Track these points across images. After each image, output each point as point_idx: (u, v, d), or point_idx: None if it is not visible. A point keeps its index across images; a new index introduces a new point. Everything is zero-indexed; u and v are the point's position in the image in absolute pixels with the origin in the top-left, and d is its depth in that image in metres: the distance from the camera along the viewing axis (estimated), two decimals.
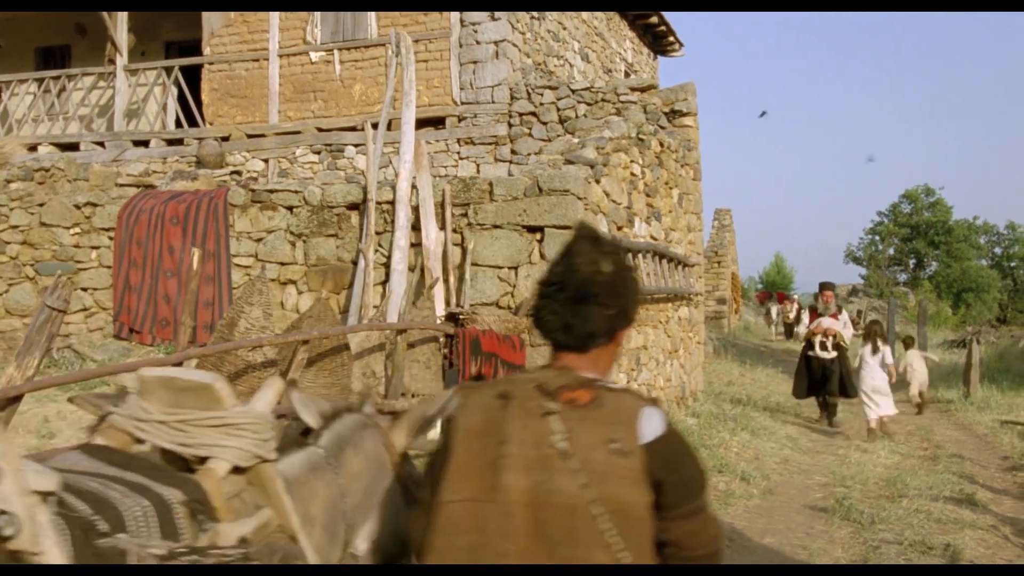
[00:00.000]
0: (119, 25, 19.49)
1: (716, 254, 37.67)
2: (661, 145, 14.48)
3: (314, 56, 18.17)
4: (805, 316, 29.65)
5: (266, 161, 18.18)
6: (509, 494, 2.50)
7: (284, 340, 6.74)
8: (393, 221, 10.94)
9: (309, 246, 11.43)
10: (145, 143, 19.12)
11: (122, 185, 14.35)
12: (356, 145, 17.52)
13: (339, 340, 7.69)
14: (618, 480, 2.49)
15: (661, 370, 14.11)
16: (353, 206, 11.35)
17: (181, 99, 19.24)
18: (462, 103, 17.21)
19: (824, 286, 15.71)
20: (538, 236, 10.59)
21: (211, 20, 18.81)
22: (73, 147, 19.48)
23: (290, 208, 11.55)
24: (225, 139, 18.43)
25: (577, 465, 2.49)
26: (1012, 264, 60.18)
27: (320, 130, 18.00)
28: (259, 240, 11.61)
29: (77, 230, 12.33)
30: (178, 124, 19.18)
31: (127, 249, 11.79)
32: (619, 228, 12.29)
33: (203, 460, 2.56)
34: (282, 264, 11.51)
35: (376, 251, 11.07)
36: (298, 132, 18.11)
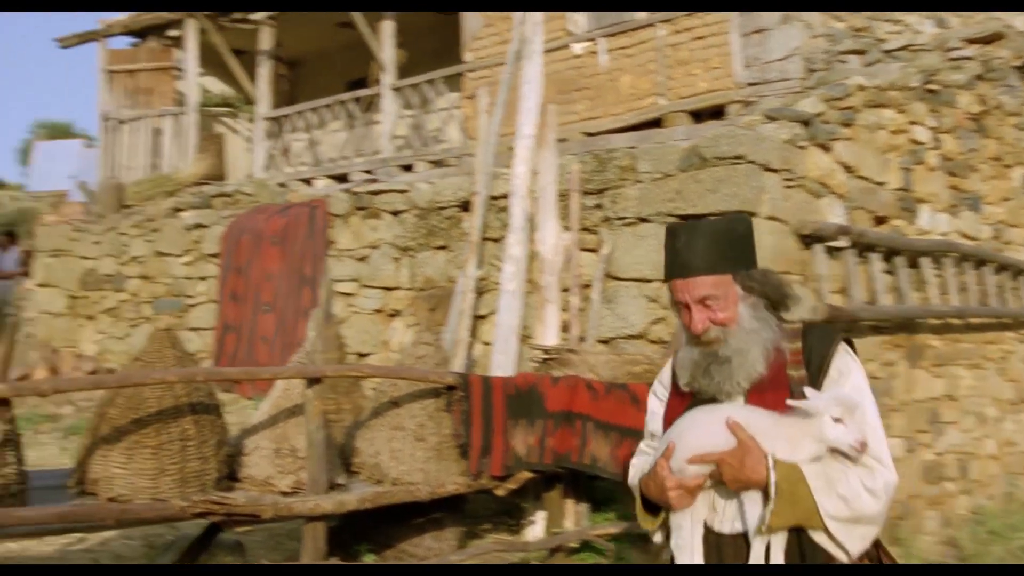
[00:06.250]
0: (384, 41, 17.57)
1: None
2: (983, 103, 10.01)
3: (577, 48, 15.14)
4: None
5: None
6: None
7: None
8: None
9: (415, 263, 8.42)
10: (409, 167, 16.97)
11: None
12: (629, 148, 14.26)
13: (183, 398, 4.60)
14: None
15: (990, 430, 9.55)
16: (468, 206, 8.22)
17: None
18: (747, 84, 13.44)
19: None
20: None
21: (470, 23, 16.41)
22: (343, 178, 17.76)
23: (395, 213, 8.62)
24: None
25: None
26: None
27: (588, 135, 14.88)
28: (362, 259, 8.77)
29: (188, 258, 10.13)
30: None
31: (228, 279, 9.39)
32: (879, 220, 8.20)
33: None
34: (386, 289, 8.57)
35: (491, 264, 7.86)
36: (563, 140, 15.08)
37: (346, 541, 5.85)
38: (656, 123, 14.28)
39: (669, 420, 2.80)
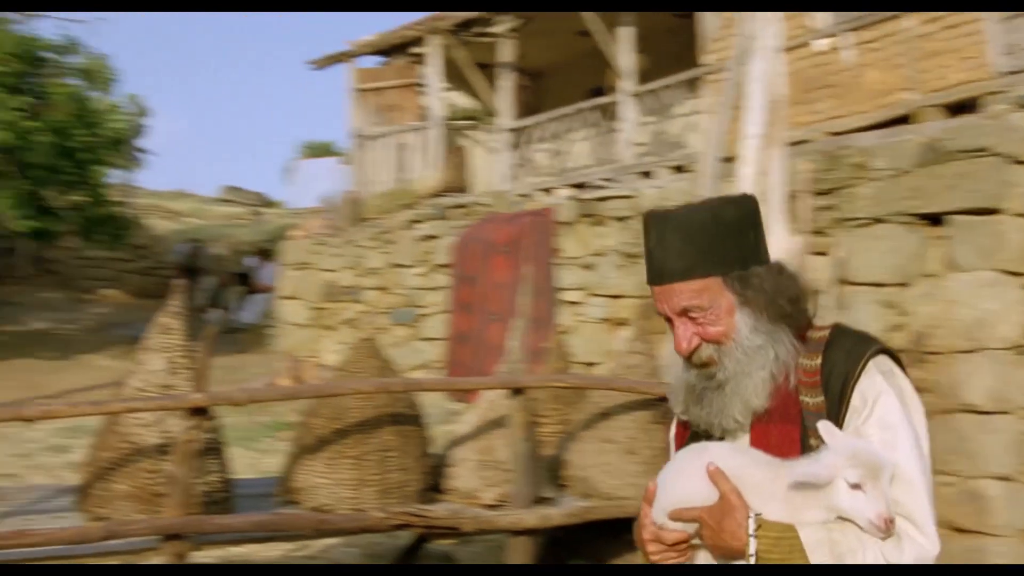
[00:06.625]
0: (621, 47, 17.41)
1: None
2: None
3: (820, 44, 14.52)
4: None
5: None
6: None
7: (165, 403, 3.87)
8: None
9: (641, 270, 8.21)
10: (648, 174, 16.74)
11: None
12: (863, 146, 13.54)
13: (384, 409, 4.59)
14: None
15: None
16: None
17: None
18: (1007, 73, 12.50)
19: None
20: (940, 231, 6.42)
21: (708, 25, 16.02)
22: (584, 187, 17.72)
23: (621, 219, 8.44)
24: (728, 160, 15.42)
25: None
26: None
27: (833, 134, 14.21)
28: (588, 267, 8.64)
29: (421, 269, 10.28)
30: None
31: (458, 288, 9.47)
32: None
33: None
34: (612, 297, 8.41)
35: None
36: (804, 141, 14.48)
37: (560, 555, 5.71)
38: (904, 120, 13.51)
39: (678, 448, 2.14)
